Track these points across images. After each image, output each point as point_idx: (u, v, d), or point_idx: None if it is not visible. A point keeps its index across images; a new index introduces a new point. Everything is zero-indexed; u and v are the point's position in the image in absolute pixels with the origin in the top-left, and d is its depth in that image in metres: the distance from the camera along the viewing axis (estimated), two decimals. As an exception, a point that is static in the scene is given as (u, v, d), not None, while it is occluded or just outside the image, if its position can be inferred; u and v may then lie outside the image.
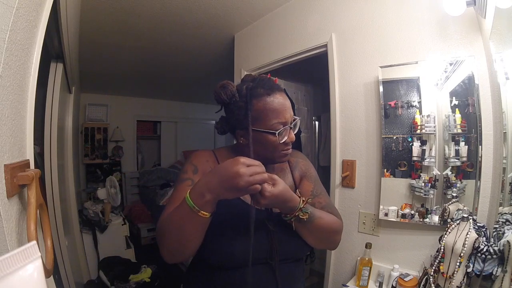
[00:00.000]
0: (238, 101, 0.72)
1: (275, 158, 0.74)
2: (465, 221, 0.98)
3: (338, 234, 0.77)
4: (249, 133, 0.69)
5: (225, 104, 0.75)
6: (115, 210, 3.03)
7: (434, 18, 1.17)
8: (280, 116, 0.70)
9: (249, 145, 0.69)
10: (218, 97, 0.74)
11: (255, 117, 0.70)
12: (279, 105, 0.70)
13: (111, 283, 2.32)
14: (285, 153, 0.74)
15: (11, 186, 0.48)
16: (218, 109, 0.79)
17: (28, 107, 0.65)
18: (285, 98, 0.73)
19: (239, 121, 0.73)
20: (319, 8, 1.61)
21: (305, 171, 0.85)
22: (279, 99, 0.71)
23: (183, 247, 0.63)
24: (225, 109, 0.77)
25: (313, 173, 0.86)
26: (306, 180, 0.83)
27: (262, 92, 0.71)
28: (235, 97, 0.73)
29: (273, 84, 0.74)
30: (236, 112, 0.73)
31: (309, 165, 0.88)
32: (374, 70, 1.34)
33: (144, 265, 2.56)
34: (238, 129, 0.75)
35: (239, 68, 2.23)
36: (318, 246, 0.78)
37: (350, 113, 1.47)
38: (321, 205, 0.77)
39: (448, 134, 1.14)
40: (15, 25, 0.50)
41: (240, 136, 0.75)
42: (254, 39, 2.11)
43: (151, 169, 4.79)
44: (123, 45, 2.48)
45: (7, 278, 0.28)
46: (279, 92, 0.73)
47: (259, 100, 0.70)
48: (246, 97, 0.71)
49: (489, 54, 1.01)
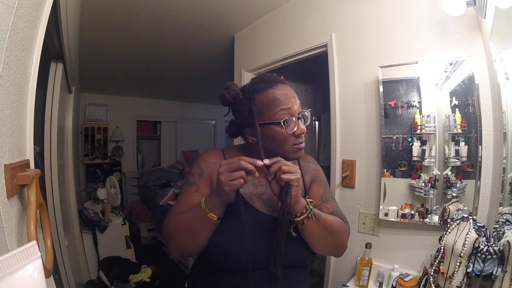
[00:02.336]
0: (242, 99, 0.73)
1: (287, 153, 0.71)
2: (465, 221, 0.98)
3: (345, 239, 0.77)
4: (256, 128, 0.68)
5: (230, 105, 0.76)
6: (115, 210, 3.03)
7: (434, 18, 1.16)
8: (282, 103, 0.68)
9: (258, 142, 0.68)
10: (223, 98, 0.74)
11: (259, 111, 0.69)
12: (281, 95, 0.69)
13: (111, 283, 2.32)
14: (297, 147, 0.71)
15: (11, 186, 0.48)
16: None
17: (28, 107, 0.65)
18: (288, 89, 0.72)
19: (245, 118, 0.72)
20: (319, 8, 1.61)
21: (315, 176, 0.84)
22: (281, 89, 0.71)
23: (191, 245, 0.69)
24: (232, 110, 0.77)
25: (323, 179, 0.85)
26: (316, 185, 0.82)
27: (263, 86, 0.71)
28: (239, 95, 0.73)
29: (275, 78, 0.74)
30: (241, 110, 0.73)
31: (320, 170, 0.87)
32: (374, 70, 1.34)
33: (144, 265, 2.56)
34: (245, 127, 0.74)
35: (239, 68, 2.23)
36: (323, 251, 0.77)
37: (350, 113, 1.47)
38: (329, 211, 0.76)
39: (448, 134, 1.14)
40: (15, 25, 0.50)
41: (248, 135, 0.74)
42: (254, 39, 2.11)
43: (151, 169, 4.79)
44: (123, 45, 2.48)
45: (7, 278, 0.28)
46: (281, 84, 0.72)
47: (261, 94, 0.70)
48: (249, 93, 0.71)
49: (489, 54, 1.01)
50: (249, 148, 0.77)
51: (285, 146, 0.70)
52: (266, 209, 0.74)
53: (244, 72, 2.16)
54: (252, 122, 0.70)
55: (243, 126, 0.74)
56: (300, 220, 0.66)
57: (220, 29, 2.19)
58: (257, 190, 0.76)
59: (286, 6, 1.81)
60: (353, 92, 1.45)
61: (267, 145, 0.69)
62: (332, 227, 0.72)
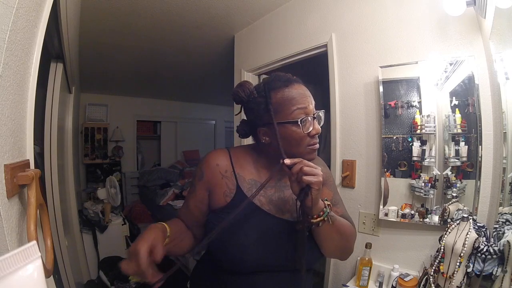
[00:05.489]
0: (256, 97, 0.71)
1: (301, 154, 0.69)
2: (465, 221, 0.98)
3: (353, 242, 0.77)
4: (272, 127, 0.67)
5: (244, 103, 0.74)
6: (115, 210, 3.02)
7: (434, 18, 1.16)
8: (299, 102, 0.67)
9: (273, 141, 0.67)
10: (237, 96, 0.73)
11: (275, 110, 0.68)
12: (298, 94, 0.68)
13: (111, 283, 2.32)
14: (312, 148, 0.70)
15: (11, 186, 0.48)
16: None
17: (28, 107, 0.65)
18: (304, 88, 0.71)
19: (259, 117, 0.71)
20: (319, 8, 1.60)
21: (325, 179, 0.82)
22: (298, 89, 0.70)
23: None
24: (244, 109, 0.76)
25: (332, 182, 0.85)
26: (326, 188, 0.81)
27: (279, 85, 0.70)
28: (253, 94, 0.71)
29: (290, 77, 0.73)
30: (255, 108, 0.71)
31: (330, 174, 0.86)
32: (374, 70, 1.34)
33: (144, 265, 2.56)
34: (259, 126, 0.72)
35: (239, 68, 2.23)
36: (332, 254, 0.77)
37: (350, 113, 1.47)
38: (338, 215, 0.75)
39: (448, 134, 1.14)
40: (15, 25, 0.50)
41: (262, 134, 0.72)
42: (254, 39, 2.11)
43: (151, 169, 4.79)
44: (123, 45, 2.48)
45: (7, 278, 0.28)
46: (297, 83, 0.71)
47: (277, 92, 0.69)
48: (264, 91, 0.70)
49: (489, 54, 1.01)
50: (260, 149, 0.76)
51: (300, 147, 0.69)
52: (275, 211, 0.73)
53: (244, 72, 2.16)
54: (267, 121, 0.68)
55: (257, 125, 0.73)
56: (316, 222, 0.65)
57: (220, 29, 2.19)
58: (266, 192, 0.74)
59: (286, 6, 1.81)
60: (353, 92, 1.45)
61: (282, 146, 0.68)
62: (344, 231, 0.71)
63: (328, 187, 0.82)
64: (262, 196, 0.73)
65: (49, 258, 0.60)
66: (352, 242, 0.77)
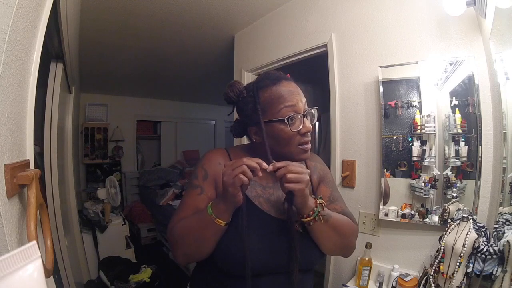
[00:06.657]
0: (246, 97, 0.71)
1: (292, 154, 0.68)
2: (465, 221, 0.98)
3: (354, 239, 0.76)
4: (260, 127, 0.66)
5: (234, 103, 0.74)
6: (115, 210, 3.02)
7: (434, 18, 1.16)
8: (288, 100, 0.66)
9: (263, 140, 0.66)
10: (227, 96, 0.73)
11: (263, 109, 0.67)
12: (286, 92, 0.67)
13: (111, 283, 2.32)
14: (303, 148, 0.69)
15: (11, 186, 0.48)
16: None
17: (28, 107, 0.65)
18: (293, 86, 0.70)
19: (248, 117, 0.71)
20: (319, 8, 1.61)
21: (323, 176, 0.83)
22: (286, 86, 0.68)
23: (198, 251, 0.67)
24: (236, 109, 0.76)
25: (330, 179, 0.84)
26: (324, 185, 0.81)
27: (268, 83, 0.69)
28: (243, 93, 0.71)
29: (280, 74, 0.72)
30: (245, 108, 0.71)
31: (327, 171, 0.86)
32: (374, 70, 1.34)
33: (144, 265, 2.56)
34: (249, 126, 0.72)
35: (239, 68, 2.23)
36: (332, 252, 0.76)
37: (350, 113, 1.47)
38: (337, 212, 0.75)
39: (448, 134, 1.14)
40: (15, 25, 0.50)
41: (252, 134, 0.72)
42: (254, 39, 2.11)
43: (151, 169, 4.80)
44: (123, 45, 2.48)
45: (7, 278, 0.28)
46: (286, 80, 0.70)
47: (265, 91, 0.68)
48: (252, 91, 0.70)
49: (489, 54, 1.01)
50: (255, 148, 0.76)
51: (290, 146, 0.68)
52: (274, 211, 0.72)
53: (244, 72, 2.16)
54: (256, 121, 0.68)
55: (247, 124, 0.73)
56: (307, 222, 0.65)
57: (220, 29, 2.19)
58: (265, 192, 0.74)
59: (286, 6, 1.81)
60: (353, 92, 1.45)
61: (271, 145, 0.67)
62: (342, 228, 0.70)
63: (325, 184, 0.81)
64: (261, 197, 0.73)
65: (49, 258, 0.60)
66: (353, 238, 0.76)
